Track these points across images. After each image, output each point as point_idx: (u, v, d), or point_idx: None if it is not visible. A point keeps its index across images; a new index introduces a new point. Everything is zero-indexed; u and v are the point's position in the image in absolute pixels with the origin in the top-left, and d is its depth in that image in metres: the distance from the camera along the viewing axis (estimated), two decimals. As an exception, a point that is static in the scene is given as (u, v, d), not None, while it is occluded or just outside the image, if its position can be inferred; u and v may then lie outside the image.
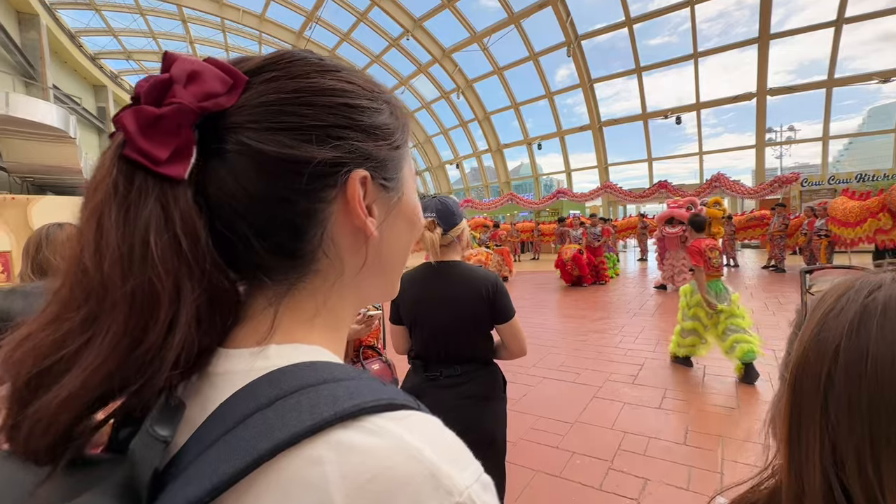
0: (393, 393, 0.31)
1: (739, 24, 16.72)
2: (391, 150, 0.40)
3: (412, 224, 0.45)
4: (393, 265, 0.44)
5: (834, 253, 8.47)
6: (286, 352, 0.33)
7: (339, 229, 0.36)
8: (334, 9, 18.23)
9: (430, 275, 1.64)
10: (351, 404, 0.28)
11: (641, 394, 3.54)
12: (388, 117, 0.40)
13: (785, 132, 23.07)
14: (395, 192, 0.41)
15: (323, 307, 0.38)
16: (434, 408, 1.04)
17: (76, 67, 18.44)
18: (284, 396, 0.28)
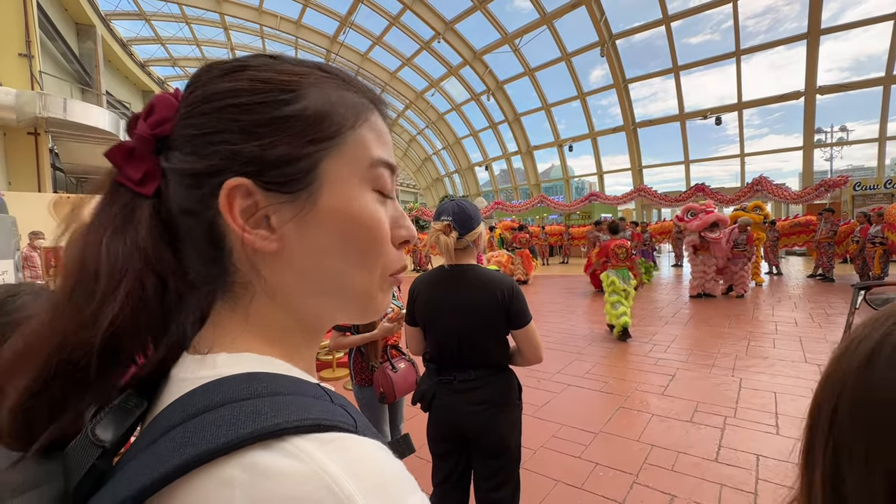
0: (324, 412, 0.29)
1: (788, 19, 15.94)
2: (297, 146, 0.34)
3: (346, 234, 0.35)
4: (329, 285, 0.36)
5: (890, 262, 7.88)
6: (232, 361, 0.33)
7: (237, 243, 0.34)
8: (367, 13, 18.59)
9: (445, 278, 1.62)
10: (272, 423, 0.26)
11: (671, 405, 3.40)
12: (289, 107, 0.34)
13: (836, 133, 21.71)
14: (301, 198, 0.34)
15: (266, 319, 0.36)
16: (447, 412, 1.25)
17: (127, 74, 19.58)
18: (212, 409, 0.28)
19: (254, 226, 0.34)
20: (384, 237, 0.38)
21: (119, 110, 15.80)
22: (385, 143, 0.39)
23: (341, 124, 0.36)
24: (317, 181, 0.35)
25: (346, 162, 0.36)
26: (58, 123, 9.65)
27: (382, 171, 0.38)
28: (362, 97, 0.39)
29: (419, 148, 28.90)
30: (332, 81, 0.37)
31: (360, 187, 0.36)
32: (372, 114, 0.39)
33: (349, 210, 0.35)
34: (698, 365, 4.31)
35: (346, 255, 0.36)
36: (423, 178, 30.59)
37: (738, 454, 2.66)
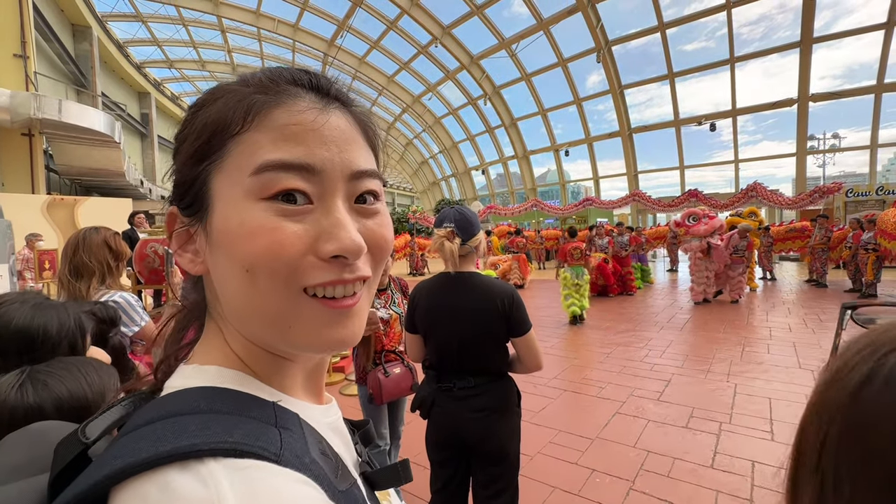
0: (249, 436, 0.28)
1: (782, 27, 16.04)
2: (191, 167, 0.34)
3: (231, 254, 0.33)
4: (241, 309, 0.34)
5: (883, 268, 7.96)
6: (195, 372, 0.35)
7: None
8: (365, 17, 18.64)
9: (446, 285, 1.64)
10: (189, 443, 0.26)
11: (667, 411, 3.41)
12: (186, 129, 0.35)
13: (829, 139, 21.96)
14: (204, 219, 0.34)
15: (234, 335, 0.36)
16: (447, 419, 1.25)
17: (123, 76, 19.52)
18: (153, 421, 0.29)
19: (187, 250, 0.36)
20: (276, 248, 0.32)
21: (114, 112, 15.72)
22: (291, 137, 0.33)
23: (224, 134, 0.33)
24: (210, 201, 0.34)
25: (229, 176, 0.33)
26: (52, 125, 9.60)
27: (276, 176, 0.32)
28: (259, 93, 0.34)
29: (416, 152, 28.94)
30: (233, 88, 0.35)
31: (243, 200, 0.32)
32: (272, 107, 0.34)
33: (229, 229, 0.33)
34: (694, 370, 4.32)
35: (238, 277, 0.33)
36: (420, 181, 30.62)
37: (733, 460, 2.67)
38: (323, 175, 0.34)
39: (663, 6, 14.76)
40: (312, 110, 0.34)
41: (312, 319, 0.34)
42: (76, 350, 0.92)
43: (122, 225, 6.37)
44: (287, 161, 0.32)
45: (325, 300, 0.34)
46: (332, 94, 0.37)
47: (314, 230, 0.33)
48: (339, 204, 0.35)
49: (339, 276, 0.34)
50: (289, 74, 0.36)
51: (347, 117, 0.37)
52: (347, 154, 0.35)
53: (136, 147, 20.86)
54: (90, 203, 9.49)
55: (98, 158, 11.92)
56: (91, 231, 1.76)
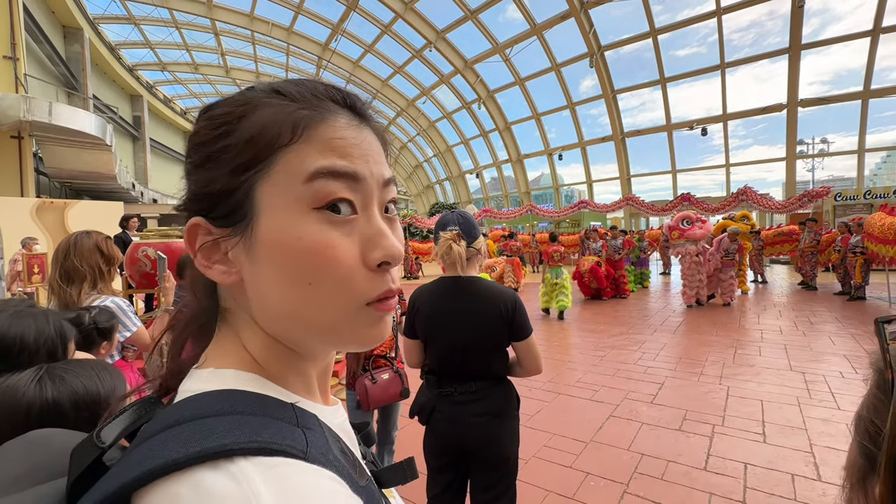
0: (276, 435, 0.29)
1: (772, 34, 16.30)
2: (231, 177, 0.34)
3: (285, 267, 0.34)
4: (288, 317, 0.35)
5: (871, 271, 8.07)
6: (213, 376, 0.35)
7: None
8: (359, 21, 18.68)
9: (449, 289, 1.62)
10: (218, 443, 0.27)
11: (661, 414, 3.43)
12: (225, 139, 0.35)
13: (818, 144, 22.28)
14: (246, 230, 0.35)
15: (253, 339, 0.37)
16: (448, 424, 1.26)
17: (115, 78, 19.39)
18: (177, 424, 0.29)
19: (217, 261, 0.36)
20: (334, 265, 0.33)
21: (106, 114, 15.60)
22: (337, 150, 0.35)
23: (272, 145, 0.34)
24: (254, 211, 0.34)
25: (277, 185, 0.34)
26: (42, 127, 9.50)
27: (327, 184, 0.34)
28: (305, 108, 0.35)
29: (410, 155, 28.98)
30: (274, 101, 0.36)
31: (296, 211, 0.33)
32: (318, 123, 0.35)
33: (282, 241, 0.33)
34: (687, 373, 4.35)
35: (292, 289, 0.34)
36: (415, 185, 30.65)
37: (726, 463, 2.69)
38: (364, 184, 0.36)
39: (655, 12, 14.96)
40: (352, 127, 0.37)
41: (362, 322, 0.36)
42: (55, 358, 0.90)
43: (113, 229, 6.31)
44: (337, 169, 0.34)
45: (376, 303, 0.36)
46: (364, 114, 0.40)
47: (360, 240, 0.35)
48: (377, 213, 0.37)
49: (387, 285, 0.36)
50: (324, 91, 0.38)
51: (371, 132, 0.40)
52: (378, 166, 0.38)
53: (127, 150, 20.69)
54: (81, 206, 9.37)
55: (89, 161, 11.81)
56: (82, 235, 1.74)
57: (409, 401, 1.88)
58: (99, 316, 1.40)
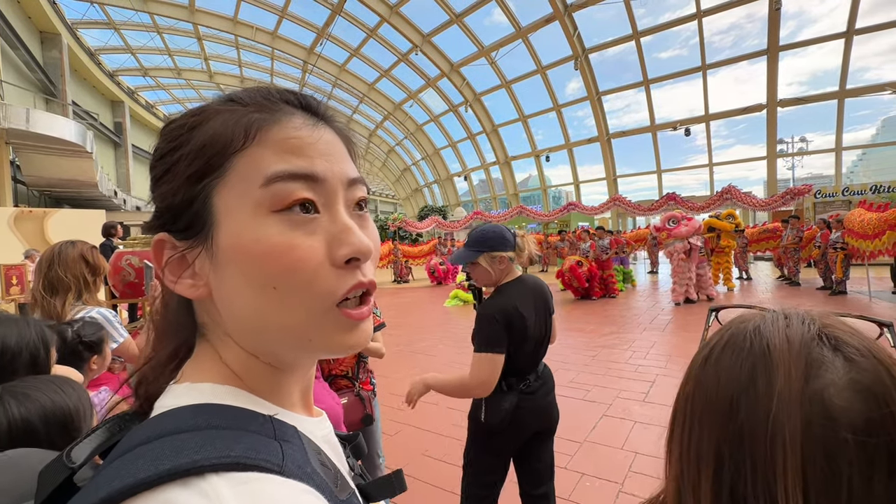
0: (251, 449, 0.28)
1: (750, 36, 16.79)
2: (188, 188, 0.34)
3: (248, 272, 0.33)
4: (258, 326, 0.34)
5: (850, 266, 8.29)
6: (189, 390, 0.34)
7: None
8: (344, 25, 18.62)
9: (525, 288, 1.74)
10: (190, 459, 0.26)
11: (653, 412, 3.46)
12: (180, 150, 0.34)
13: (797, 143, 22.85)
14: (207, 240, 0.34)
15: (230, 353, 0.37)
16: (532, 413, 1.70)
17: (95, 84, 19.02)
18: (149, 441, 0.28)
19: (184, 276, 0.35)
20: (298, 266, 0.33)
21: (86, 121, 15.29)
22: (294, 150, 0.34)
23: (225, 151, 0.34)
24: (214, 219, 0.34)
25: (234, 190, 0.33)
26: (20, 134, 9.27)
27: (285, 186, 0.33)
28: (257, 111, 0.35)
29: (398, 159, 28.94)
30: (226, 108, 0.35)
31: (254, 215, 0.33)
32: (272, 124, 0.35)
33: (242, 246, 0.33)
34: (677, 370, 4.40)
35: (257, 295, 0.33)
36: (403, 188, 30.61)
37: (718, 458, 2.72)
38: (326, 184, 0.35)
39: (638, 15, 15.20)
40: (307, 126, 0.36)
41: (333, 328, 0.35)
42: (38, 362, 0.92)
43: (95, 237, 6.16)
44: (294, 171, 0.34)
45: (346, 311, 0.35)
46: (320, 114, 0.39)
47: (325, 238, 0.35)
48: (342, 210, 0.36)
49: (356, 279, 0.35)
50: (277, 94, 0.38)
51: (333, 133, 0.39)
52: (341, 164, 0.37)
53: (109, 157, 20.30)
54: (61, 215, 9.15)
55: (69, 169, 11.56)
56: (67, 245, 1.70)
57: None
58: (83, 329, 1.37)
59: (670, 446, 0.48)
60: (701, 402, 0.44)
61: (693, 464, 0.43)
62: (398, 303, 10.37)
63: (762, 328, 0.44)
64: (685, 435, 0.45)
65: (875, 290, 8.05)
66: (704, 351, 0.47)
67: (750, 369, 0.41)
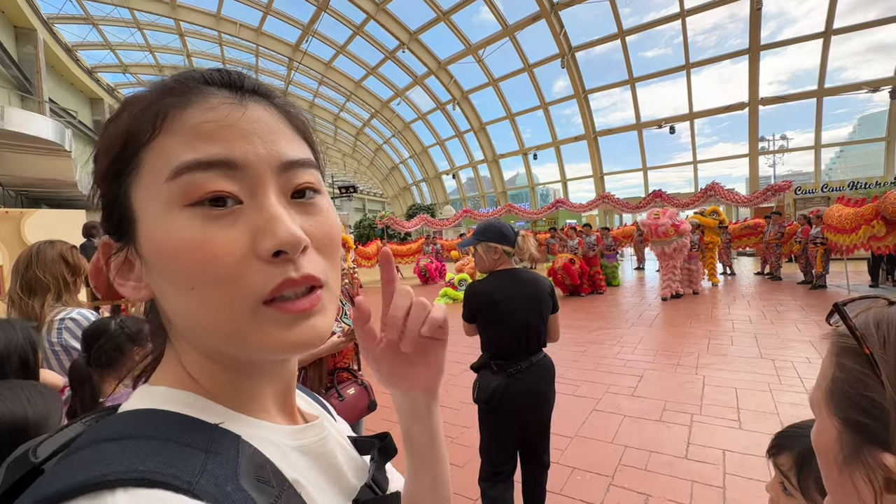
0: (163, 464, 0.27)
1: (733, 35, 17.12)
2: (109, 188, 0.33)
3: (165, 271, 0.31)
4: (193, 327, 0.33)
5: (830, 260, 8.50)
6: (141, 394, 0.34)
7: None
8: (331, 22, 18.44)
9: (512, 280, 1.94)
10: (99, 472, 0.25)
11: (641, 406, 3.50)
12: (104, 143, 0.33)
13: (778, 141, 23.35)
14: (128, 241, 0.33)
15: (188, 355, 0.36)
16: (524, 396, 1.91)
17: (73, 81, 18.51)
18: (79, 448, 0.28)
19: (129, 277, 0.34)
20: (213, 262, 0.30)
21: (64, 119, 14.90)
22: (205, 135, 0.31)
23: (135, 144, 0.31)
24: (134, 219, 0.32)
25: (146, 187, 0.31)
26: (-6, 133, 8.97)
27: (194, 177, 0.30)
28: (169, 96, 0.32)
29: (386, 157, 28.80)
30: (141, 96, 0.33)
31: (165, 212, 0.30)
32: (182, 109, 0.32)
33: (157, 245, 0.31)
34: (664, 364, 4.47)
35: (179, 297, 0.31)
36: (391, 186, 30.48)
37: (705, 450, 2.77)
38: (248, 170, 0.32)
39: (624, 15, 15.34)
40: (225, 105, 0.32)
41: (271, 325, 0.32)
42: (29, 366, 0.91)
43: (75, 238, 6.01)
44: (203, 159, 0.30)
45: (280, 304, 0.32)
46: (246, 88, 0.35)
47: (248, 231, 0.31)
48: (271, 198, 0.32)
49: (285, 275, 0.32)
50: (199, 74, 0.34)
51: (269, 109, 0.35)
52: (274, 145, 0.33)
53: (88, 155, 19.82)
54: (39, 215, 8.89)
55: (46, 168, 11.23)
56: (46, 245, 1.65)
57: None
58: (126, 322, 1.40)
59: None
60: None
61: None
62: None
63: None
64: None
65: (853, 283, 8.28)
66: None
67: None
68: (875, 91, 13.72)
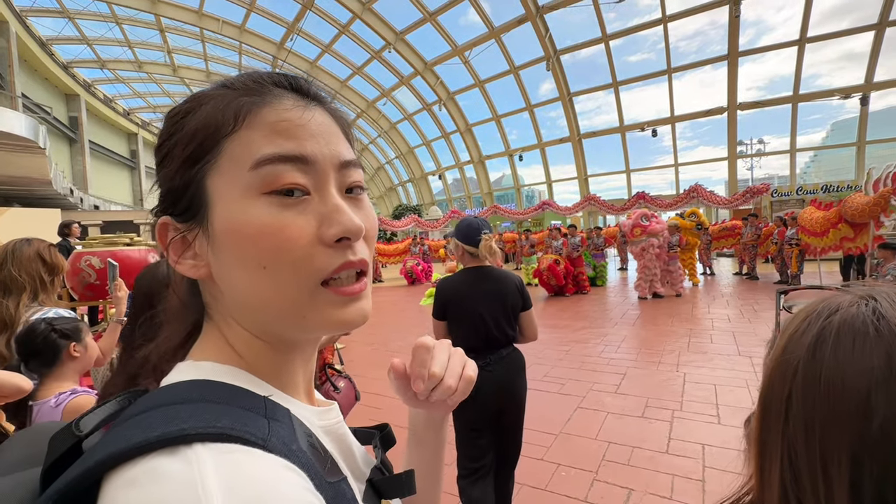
0: (237, 422, 0.29)
1: (714, 42, 17.55)
2: (184, 172, 0.36)
3: (241, 252, 0.34)
4: (252, 304, 0.36)
5: (805, 261, 8.77)
6: (190, 368, 0.36)
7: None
8: (316, 21, 18.27)
9: (479, 276, 2.01)
10: (178, 427, 0.27)
11: (624, 403, 3.57)
12: (176, 135, 0.36)
13: (755, 145, 23.97)
14: (204, 222, 0.36)
15: (232, 333, 0.38)
16: (494, 388, 1.94)
17: (47, 76, 17.97)
18: (147, 411, 0.30)
19: (186, 256, 0.37)
20: (287, 245, 0.34)
21: (38, 115, 14.43)
22: (283, 132, 0.35)
23: (216, 135, 0.35)
24: (208, 202, 0.35)
25: (226, 174, 0.35)
26: (-37, 128, 8.65)
27: (274, 169, 0.34)
28: (246, 95, 0.36)
29: (372, 157, 28.65)
30: (218, 93, 0.37)
31: (244, 198, 0.34)
32: (261, 107, 0.36)
33: (233, 228, 0.34)
34: (647, 362, 4.55)
35: (249, 274, 0.34)
36: (377, 187, 30.33)
37: (686, 445, 2.83)
38: (316, 166, 0.36)
39: (608, 19, 15.60)
40: (298, 108, 0.37)
41: (326, 305, 0.36)
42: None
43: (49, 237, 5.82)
44: (283, 154, 0.34)
45: (335, 287, 0.36)
46: (311, 94, 0.40)
47: (315, 219, 0.35)
48: (333, 192, 0.37)
49: (345, 258, 0.36)
50: (269, 78, 0.38)
51: (326, 114, 0.40)
52: (334, 146, 0.38)
53: (64, 153, 19.23)
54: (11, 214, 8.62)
55: (20, 165, 10.88)
56: (22, 243, 1.61)
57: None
58: (55, 320, 1.37)
59: (765, 449, 0.42)
60: (819, 399, 0.37)
61: (818, 472, 0.37)
62: (373, 302, 10.28)
63: (881, 310, 0.38)
64: (798, 439, 0.38)
65: (826, 283, 8.55)
66: (807, 339, 0.40)
67: (885, 358, 0.36)
68: (847, 98, 14.24)
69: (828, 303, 0.42)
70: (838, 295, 0.43)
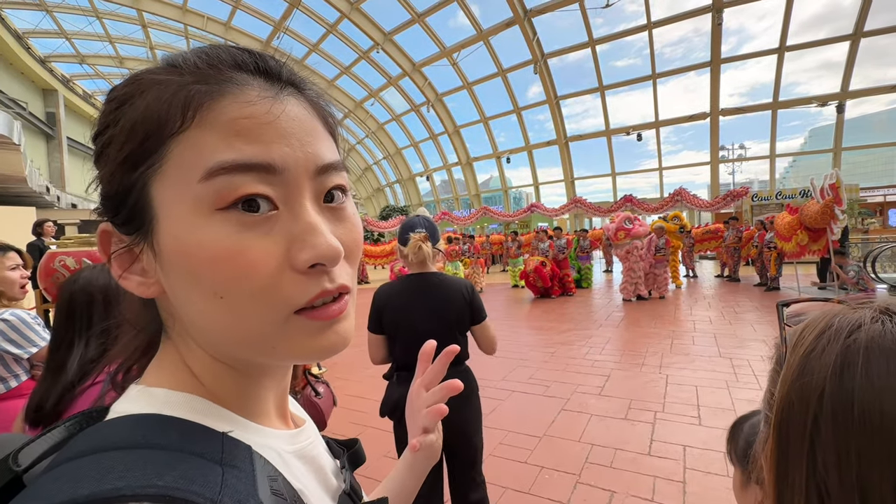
0: (181, 479, 0.25)
1: (698, 49, 17.97)
2: (123, 174, 0.29)
3: (194, 276, 0.28)
4: (216, 332, 0.30)
5: (783, 264, 8.98)
6: (140, 395, 0.31)
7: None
8: (303, 20, 18.10)
9: (419, 285, 1.75)
10: (112, 486, 0.22)
11: (608, 405, 3.59)
12: (111, 129, 0.30)
13: (737, 150, 24.52)
14: (149, 235, 0.30)
15: (192, 355, 0.33)
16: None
17: (23, 70, 17.45)
18: (81, 456, 0.25)
19: (132, 271, 0.31)
20: (249, 273, 0.28)
21: (13, 110, 14.00)
22: (244, 133, 0.28)
23: (160, 133, 0.28)
24: (153, 212, 0.29)
25: (172, 183, 0.28)
26: (-68, 123, 8.33)
27: (230, 180, 0.28)
28: (200, 82, 0.29)
29: (359, 158, 28.47)
30: (164, 77, 0.29)
31: (194, 214, 0.28)
32: (217, 99, 0.29)
33: (183, 250, 0.28)
34: (630, 364, 4.60)
35: (205, 303, 0.29)
36: (364, 187, 30.16)
37: (667, 446, 2.86)
38: (286, 174, 0.30)
39: (595, 24, 15.78)
40: (265, 100, 0.30)
41: (299, 334, 0.31)
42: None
43: (23, 236, 5.65)
44: (242, 161, 0.28)
45: (310, 312, 0.31)
46: (283, 78, 0.33)
47: (284, 240, 0.30)
48: (307, 206, 0.31)
49: (320, 287, 0.30)
50: (229, 57, 0.31)
51: (303, 103, 0.33)
52: (310, 147, 0.31)
53: (40, 150, 18.67)
54: (-18, 212, 8.33)
55: (-6, 163, 10.52)
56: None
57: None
58: None
59: (784, 481, 0.38)
60: (855, 429, 0.33)
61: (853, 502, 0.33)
62: (359, 304, 10.21)
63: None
64: (830, 473, 0.34)
65: (803, 286, 8.77)
66: (829, 359, 0.36)
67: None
68: (824, 105, 14.65)
69: (843, 318, 0.38)
70: (848, 310, 0.39)
